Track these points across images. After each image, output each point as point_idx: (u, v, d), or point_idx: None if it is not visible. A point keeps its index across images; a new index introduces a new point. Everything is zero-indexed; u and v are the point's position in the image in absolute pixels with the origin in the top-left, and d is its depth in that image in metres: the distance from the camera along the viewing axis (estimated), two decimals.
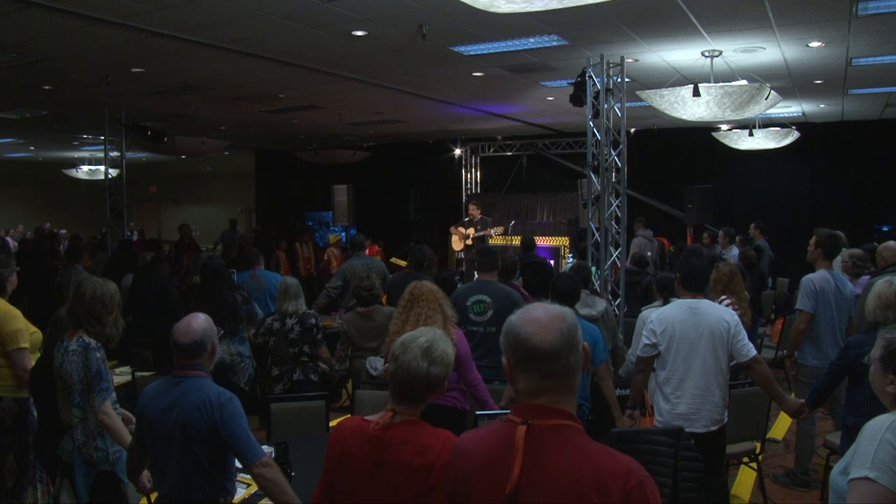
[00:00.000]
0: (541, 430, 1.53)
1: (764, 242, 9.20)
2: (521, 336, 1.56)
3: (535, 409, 1.55)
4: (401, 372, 2.03)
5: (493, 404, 3.93)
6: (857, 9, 5.32)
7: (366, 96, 9.43)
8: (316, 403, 4.26)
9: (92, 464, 3.10)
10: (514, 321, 1.60)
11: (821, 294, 4.78)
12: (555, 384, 1.55)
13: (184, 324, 2.63)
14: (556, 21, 5.69)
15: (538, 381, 1.55)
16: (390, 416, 2.03)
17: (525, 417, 1.54)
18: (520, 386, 1.58)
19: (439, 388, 2.08)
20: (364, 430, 2.04)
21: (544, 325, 1.55)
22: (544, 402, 1.55)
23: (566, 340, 1.54)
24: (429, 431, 2.02)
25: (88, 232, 15.65)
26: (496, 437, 1.60)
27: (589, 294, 5.09)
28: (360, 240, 7.25)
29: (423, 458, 1.95)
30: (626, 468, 1.48)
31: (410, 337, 2.10)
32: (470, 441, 1.69)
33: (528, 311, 1.61)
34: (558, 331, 1.55)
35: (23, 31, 5.91)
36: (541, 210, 14.35)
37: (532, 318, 1.57)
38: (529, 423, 1.53)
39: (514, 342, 1.57)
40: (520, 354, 1.56)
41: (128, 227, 13.24)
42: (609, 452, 1.53)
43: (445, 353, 2.09)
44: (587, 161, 6.97)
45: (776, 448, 5.59)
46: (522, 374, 1.57)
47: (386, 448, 1.99)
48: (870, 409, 2.89)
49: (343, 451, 2.07)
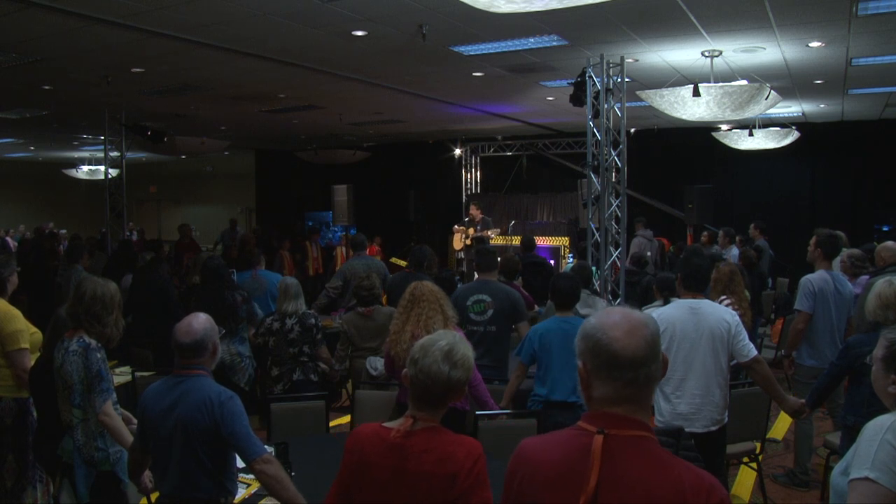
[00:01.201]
0: (618, 441, 1.46)
1: (764, 242, 9.20)
2: (603, 341, 1.49)
3: (612, 418, 1.48)
4: (421, 376, 1.98)
5: (493, 404, 3.93)
6: (857, 9, 5.32)
7: (366, 96, 9.43)
8: (316, 403, 4.26)
9: (92, 464, 3.10)
10: (594, 325, 1.53)
11: (819, 294, 4.78)
12: (634, 393, 1.49)
13: (185, 324, 2.63)
14: (556, 21, 5.69)
15: (618, 389, 1.48)
16: (411, 423, 1.97)
17: (601, 426, 1.47)
18: (596, 393, 1.51)
19: (460, 391, 2.03)
20: (383, 438, 1.99)
21: (628, 331, 1.49)
22: (622, 411, 1.49)
23: (649, 348, 1.49)
24: (451, 439, 1.97)
25: (88, 232, 15.64)
26: (568, 445, 1.53)
27: (589, 294, 5.09)
28: (361, 240, 7.25)
29: (446, 467, 1.90)
30: (708, 484, 1.43)
31: (430, 340, 2.04)
32: (537, 448, 1.60)
33: (608, 315, 1.54)
34: (642, 338, 1.49)
35: (23, 31, 5.91)
36: (541, 210, 14.36)
37: (614, 323, 1.51)
38: (606, 433, 1.46)
39: (595, 347, 1.50)
40: (600, 360, 1.49)
41: (128, 227, 13.24)
42: (689, 467, 1.47)
43: (466, 356, 2.04)
44: (587, 161, 6.97)
45: (776, 448, 5.59)
46: (600, 381, 1.50)
47: (407, 456, 1.94)
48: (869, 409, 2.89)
49: (361, 459, 2.01)
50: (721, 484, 1.46)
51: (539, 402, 4.00)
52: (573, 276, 4.54)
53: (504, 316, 4.80)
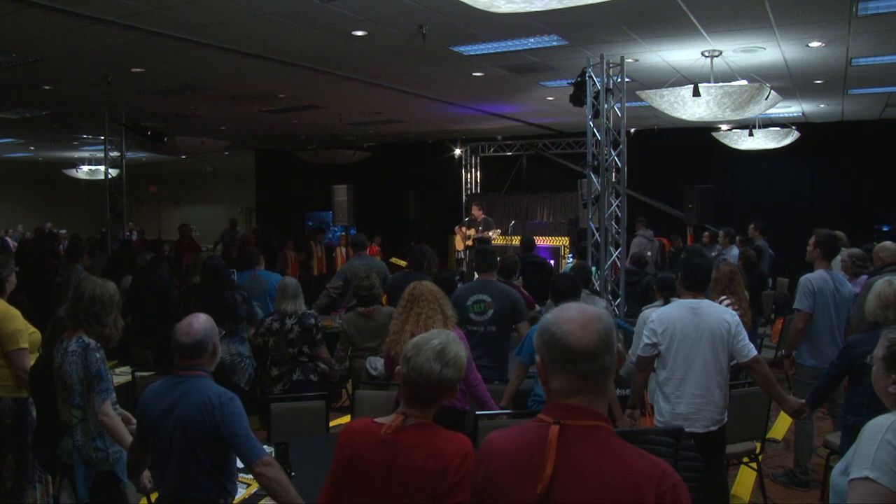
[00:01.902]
0: (574, 431, 1.52)
1: (763, 242, 9.20)
2: (557, 335, 1.55)
3: (568, 409, 1.54)
4: (413, 374, 2.00)
5: (493, 404, 3.93)
6: (857, 9, 5.32)
7: (366, 96, 9.43)
8: (316, 403, 4.26)
9: (92, 464, 3.10)
10: (550, 320, 1.59)
11: (819, 294, 4.78)
12: (589, 385, 1.54)
13: (185, 324, 2.63)
14: (556, 21, 5.69)
15: (573, 381, 1.54)
16: (402, 419, 1.99)
17: (558, 417, 1.53)
18: (553, 385, 1.57)
19: (452, 390, 2.04)
20: (375, 434, 2.01)
21: (581, 325, 1.54)
22: (577, 402, 1.54)
23: (602, 341, 1.54)
24: (442, 435, 1.99)
25: (88, 232, 15.63)
26: (527, 437, 1.59)
27: (589, 294, 5.09)
28: (361, 240, 7.25)
29: (436, 462, 1.92)
30: (661, 471, 1.48)
31: (423, 339, 2.06)
32: (499, 440, 1.67)
33: (564, 310, 1.60)
34: (595, 331, 1.54)
35: (23, 31, 5.91)
36: (541, 210, 14.36)
37: (569, 317, 1.56)
38: (562, 423, 1.52)
39: (550, 341, 1.56)
40: (555, 354, 1.55)
41: (128, 228, 13.24)
42: (642, 455, 1.52)
43: (459, 355, 2.05)
44: (587, 161, 6.97)
45: (776, 448, 5.58)
46: (556, 374, 1.56)
47: (398, 452, 1.96)
48: (869, 409, 2.89)
49: (353, 455, 2.03)
50: (674, 471, 1.50)
51: (539, 401, 4.00)
52: (573, 276, 4.54)
53: (504, 316, 4.80)
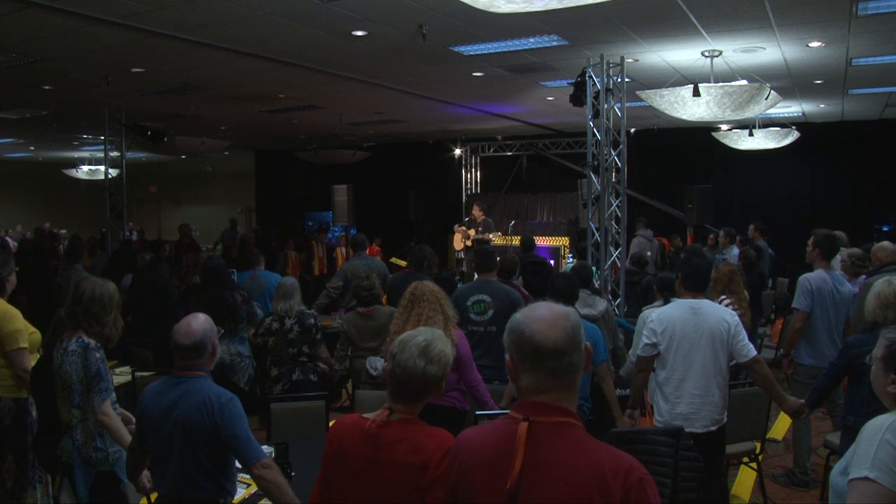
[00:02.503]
0: (542, 427, 1.54)
1: (763, 243, 9.20)
2: (526, 333, 1.57)
3: (538, 406, 1.57)
4: (398, 370, 2.03)
5: (493, 405, 3.93)
6: (857, 9, 5.32)
7: (366, 96, 9.43)
8: (316, 403, 4.26)
9: (92, 464, 3.10)
10: (518, 319, 1.62)
11: (817, 293, 4.78)
12: (557, 382, 1.57)
13: (184, 324, 2.63)
14: (556, 21, 5.69)
15: (541, 378, 1.57)
16: (387, 414, 2.03)
17: (527, 414, 1.56)
18: (522, 383, 1.60)
19: (437, 387, 2.07)
20: (361, 428, 2.04)
21: (549, 323, 1.57)
22: (546, 399, 1.57)
23: (569, 339, 1.56)
24: (425, 430, 2.02)
25: (88, 232, 15.64)
26: (498, 433, 1.62)
27: (590, 294, 5.08)
28: (361, 240, 7.25)
29: (417, 457, 1.95)
30: (627, 465, 1.50)
31: (409, 336, 2.10)
32: (471, 437, 1.70)
33: (532, 309, 1.63)
34: (562, 329, 1.57)
35: (23, 31, 5.91)
36: (541, 210, 14.36)
37: (536, 316, 1.59)
38: (531, 420, 1.55)
39: (519, 339, 1.59)
40: (524, 352, 1.58)
41: (128, 227, 13.24)
42: (609, 450, 1.54)
43: (443, 352, 2.08)
44: (587, 161, 6.97)
45: (776, 448, 5.59)
46: (525, 372, 1.58)
47: (381, 446, 1.99)
48: (869, 409, 2.89)
49: (340, 449, 2.07)
50: (640, 465, 1.52)
51: None
52: (571, 276, 4.54)
53: (504, 316, 4.73)
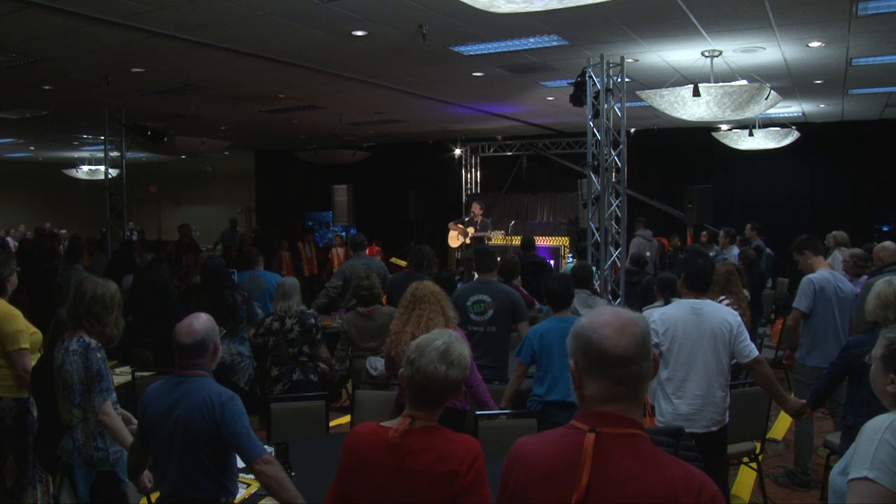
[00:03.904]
0: (609, 439, 1.48)
1: (761, 242, 9.21)
2: (594, 340, 1.50)
3: (604, 416, 1.50)
4: (418, 376, 1.98)
5: (493, 405, 3.93)
6: (857, 9, 5.32)
7: (366, 96, 9.43)
8: (316, 403, 4.26)
9: (92, 464, 3.10)
10: (585, 324, 1.55)
11: (821, 294, 4.78)
12: (625, 391, 1.50)
13: (186, 324, 2.63)
14: (556, 21, 5.69)
15: (609, 387, 1.50)
16: (409, 423, 1.98)
17: (593, 425, 1.49)
18: (587, 392, 1.53)
19: (456, 391, 2.03)
20: (381, 437, 1.99)
21: (618, 329, 1.50)
22: (613, 409, 1.50)
23: (640, 346, 1.50)
24: (450, 437, 1.98)
25: (88, 232, 15.64)
26: (561, 444, 1.54)
27: (590, 294, 5.09)
28: (361, 240, 7.25)
29: (445, 465, 1.91)
30: (699, 482, 1.44)
31: (426, 340, 2.04)
32: (532, 447, 1.62)
33: (599, 314, 1.56)
34: (632, 335, 1.50)
35: (23, 31, 5.91)
36: (541, 210, 14.36)
37: (605, 322, 1.52)
38: (598, 431, 1.48)
39: (586, 346, 1.52)
40: (591, 359, 1.51)
41: (128, 227, 13.24)
42: (681, 465, 1.48)
43: (462, 354, 2.04)
44: (587, 161, 6.97)
45: (776, 448, 5.59)
46: (592, 380, 1.52)
47: (406, 455, 1.94)
48: (869, 409, 2.89)
49: (360, 459, 2.01)
50: (712, 481, 1.47)
51: (538, 401, 4.00)
52: (564, 276, 4.54)
53: (504, 316, 4.80)
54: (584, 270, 5.56)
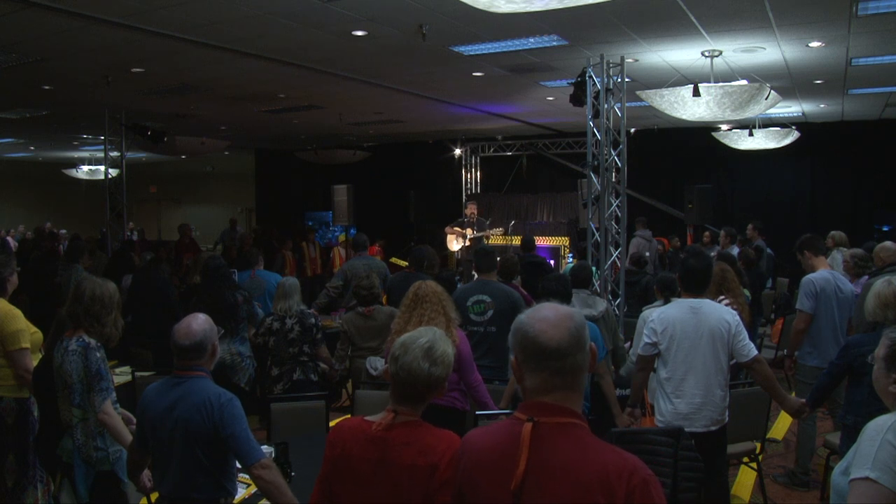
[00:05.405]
0: (547, 428, 1.55)
1: (762, 242, 9.21)
2: (530, 334, 1.58)
3: (542, 406, 1.58)
4: (402, 373, 2.02)
5: (493, 405, 3.93)
6: (857, 9, 5.32)
7: (366, 96, 9.43)
8: (316, 403, 4.26)
9: (92, 464, 3.10)
10: (523, 320, 1.63)
11: (821, 294, 4.78)
12: (562, 382, 1.58)
13: (184, 325, 2.63)
14: (556, 21, 5.69)
15: (546, 379, 1.58)
16: (392, 417, 2.02)
17: (531, 415, 1.57)
18: (527, 384, 1.61)
19: (440, 388, 2.07)
20: (365, 431, 2.03)
21: (553, 323, 1.58)
22: (551, 399, 1.58)
23: (574, 339, 1.58)
24: (432, 432, 2.01)
25: (88, 232, 15.62)
26: (503, 434, 1.63)
27: (590, 294, 5.08)
28: (362, 240, 7.24)
29: (426, 459, 1.95)
30: (631, 466, 1.50)
31: (411, 338, 2.09)
32: (477, 438, 1.72)
33: (537, 310, 1.64)
34: (566, 329, 1.58)
35: (23, 31, 5.91)
36: (541, 210, 14.35)
37: (541, 316, 1.60)
38: (536, 421, 1.56)
39: (523, 340, 1.60)
40: (528, 352, 1.59)
41: (128, 228, 13.24)
42: (614, 451, 1.55)
43: (446, 353, 2.08)
44: (587, 161, 6.97)
45: (776, 448, 5.58)
46: (530, 372, 1.60)
47: (388, 449, 1.98)
48: (869, 409, 2.89)
49: (343, 453, 2.05)
50: (645, 465, 1.52)
51: None
52: (561, 276, 4.53)
53: (504, 316, 4.79)
54: (583, 271, 5.54)
